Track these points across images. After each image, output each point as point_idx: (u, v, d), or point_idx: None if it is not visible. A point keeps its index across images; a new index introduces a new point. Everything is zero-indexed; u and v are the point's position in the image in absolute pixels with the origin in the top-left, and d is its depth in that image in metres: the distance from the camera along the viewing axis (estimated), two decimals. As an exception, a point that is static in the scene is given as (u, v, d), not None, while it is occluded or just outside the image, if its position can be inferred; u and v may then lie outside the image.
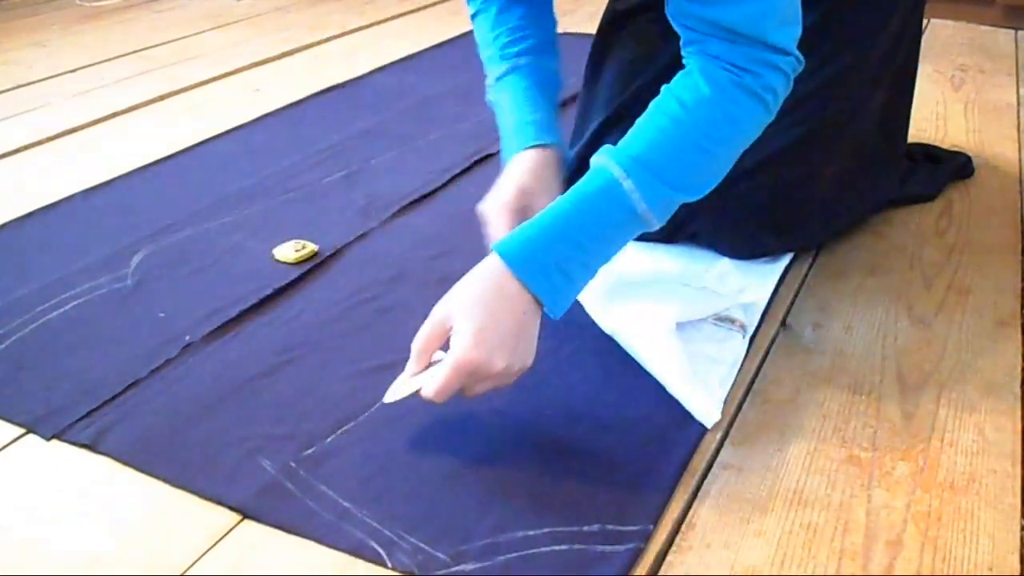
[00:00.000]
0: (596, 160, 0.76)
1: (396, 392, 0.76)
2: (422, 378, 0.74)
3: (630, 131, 0.77)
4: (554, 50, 1.02)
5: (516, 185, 0.88)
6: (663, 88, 0.79)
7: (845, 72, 0.99)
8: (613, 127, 1.05)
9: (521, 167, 0.90)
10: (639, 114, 1.00)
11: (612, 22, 1.12)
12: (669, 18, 0.81)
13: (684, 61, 0.79)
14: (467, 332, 0.70)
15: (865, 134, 1.05)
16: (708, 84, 0.75)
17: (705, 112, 0.75)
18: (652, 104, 0.78)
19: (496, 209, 0.87)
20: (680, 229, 1.03)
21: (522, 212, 0.86)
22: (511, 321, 0.71)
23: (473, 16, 1.06)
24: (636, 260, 1.03)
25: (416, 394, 0.74)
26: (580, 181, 0.76)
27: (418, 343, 0.74)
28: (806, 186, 1.00)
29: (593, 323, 0.92)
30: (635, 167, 0.74)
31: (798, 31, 0.78)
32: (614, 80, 1.07)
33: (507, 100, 0.97)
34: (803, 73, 0.96)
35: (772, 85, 0.77)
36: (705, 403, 0.78)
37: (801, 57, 0.79)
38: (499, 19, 1.02)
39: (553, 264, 0.73)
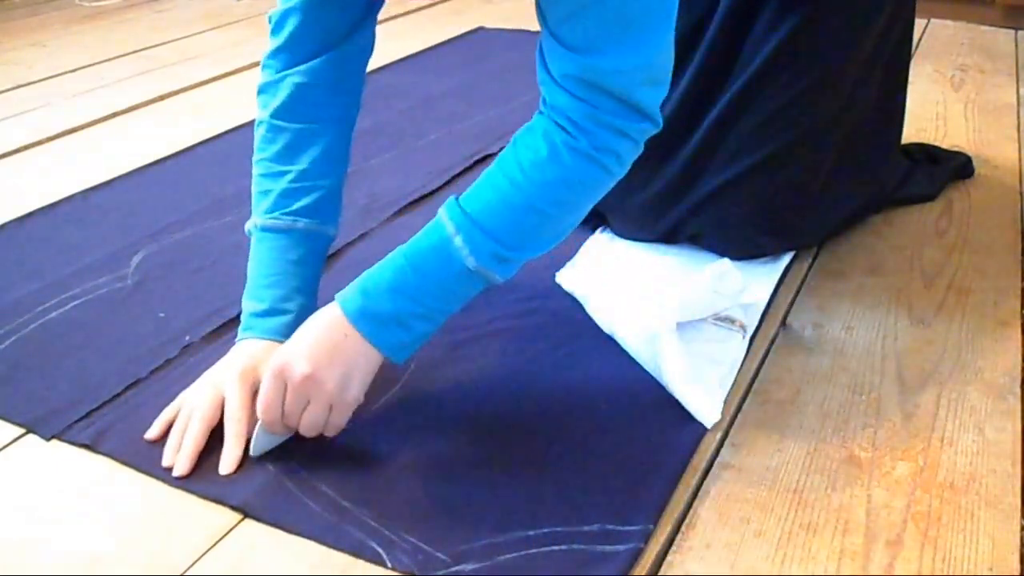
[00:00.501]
0: (439, 212, 0.75)
1: (255, 448, 0.75)
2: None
3: (473, 184, 0.76)
4: (338, 201, 0.89)
5: (253, 362, 0.80)
6: (512, 139, 0.76)
7: (832, 73, 0.99)
8: None
9: (253, 353, 0.81)
10: None
11: None
12: (538, 72, 0.75)
13: (538, 122, 0.75)
14: (298, 356, 0.72)
15: (858, 130, 1.05)
16: (546, 146, 0.73)
17: (540, 175, 0.73)
18: (497, 159, 0.76)
19: (235, 378, 0.79)
20: (680, 229, 1.03)
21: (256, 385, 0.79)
22: (345, 358, 0.72)
23: (258, 124, 0.88)
24: (636, 260, 1.03)
25: (280, 443, 0.76)
26: (419, 234, 0.75)
27: (259, 403, 0.73)
28: (803, 187, 1.00)
29: (593, 323, 0.92)
30: (467, 225, 0.73)
31: (663, 93, 0.74)
32: None
33: (263, 266, 0.85)
34: (790, 76, 0.97)
35: (614, 148, 0.73)
36: (705, 403, 0.78)
37: (660, 121, 0.75)
38: (289, 151, 0.86)
39: (391, 318, 0.74)
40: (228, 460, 0.75)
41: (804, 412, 0.80)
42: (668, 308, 0.85)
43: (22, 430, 0.80)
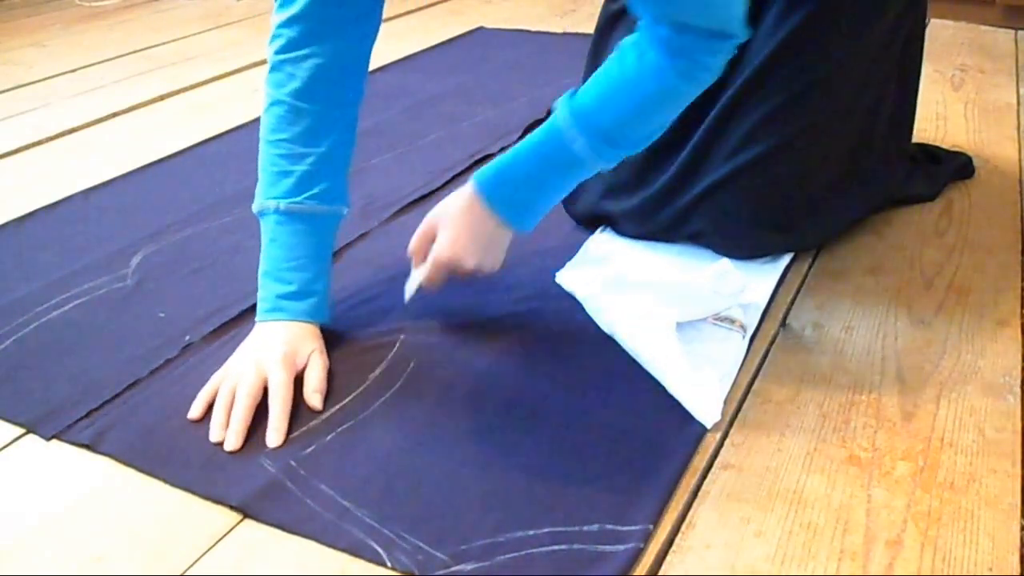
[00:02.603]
0: (556, 109, 0.86)
1: (407, 291, 0.92)
2: (418, 274, 0.90)
3: (586, 84, 0.86)
4: (327, 174, 0.90)
5: (292, 348, 0.84)
6: (621, 47, 0.85)
7: (836, 70, 0.99)
8: None
9: (289, 340, 0.85)
10: None
11: (607, 21, 1.12)
12: (637, 14, 0.84)
13: (644, 43, 0.83)
14: (444, 238, 0.87)
15: (862, 132, 1.05)
16: (648, 59, 0.82)
17: (646, 87, 0.83)
18: (604, 63, 0.86)
19: (278, 361, 0.82)
20: (680, 228, 1.03)
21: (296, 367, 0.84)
22: (480, 232, 0.88)
23: (275, 102, 0.90)
24: (636, 259, 1.03)
25: (420, 289, 0.91)
26: (539, 129, 0.87)
27: (411, 246, 0.90)
28: (803, 183, 1.00)
29: (593, 323, 0.92)
30: (582, 123, 0.84)
31: (744, 5, 0.80)
32: None
33: (287, 249, 0.88)
34: (794, 72, 0.97)
35: (708, 65, 0.82)
36: (705, 403, 0.78)
37: (746, 31, 0.81)
38: (310, 134, 0.89)
39: (513, 195, 0.87)
40: (278, 432, 0.77)
41: (804, 412, 0.80)
42: (668, 308, 0.85)
43: (22, 430, 0.80)
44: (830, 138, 1.01)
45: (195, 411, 0.81)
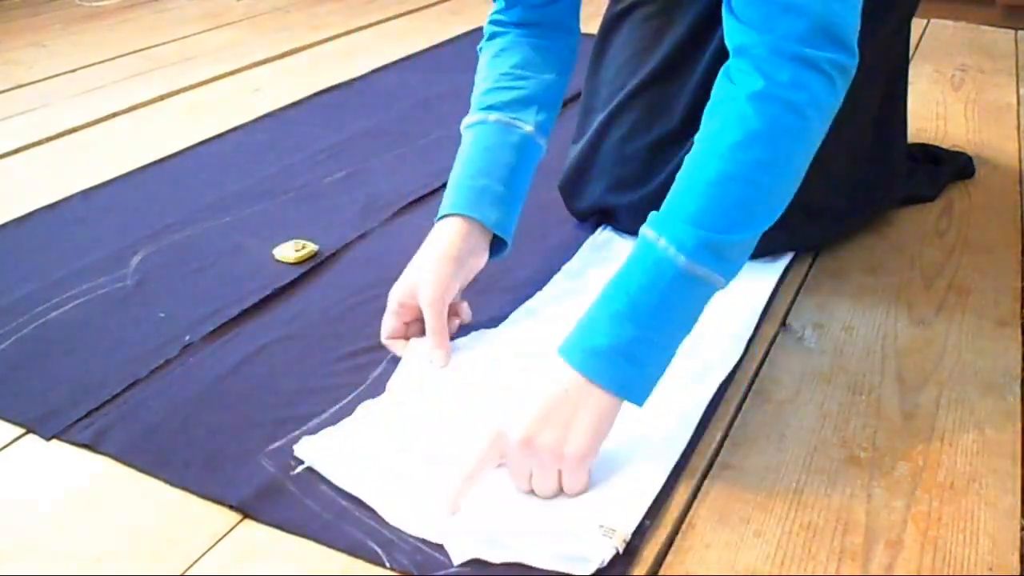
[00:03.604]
0: (641, 230, 0.71)
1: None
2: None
3: (671, 190, 0.71)
4: (544, 103, 0.93)
5: (416, 277, 0.86)
6: (703, 126, 0.71)
7: None
8: (612, 125, 1.05)
9: (437, 245, 0.87)
10: (637, 111, 0.99)
11: (611, 21, 1.12)
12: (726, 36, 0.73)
13: (715, 90, 0.71)
14: (515, 422, 0.68)
15: (861, 133, 1.04)
16: (724, 105, 0.68)
17: (725, 138, 0.68)
18: (690, 154, 0.71)
19: (391, 303, 0.86)
20: None
21: (454, 278, 0.85)
22: (564, 412, 0.67)
23: (479, 49, 1.03)
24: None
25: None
26: (627, 263, 0.70)
27: (472, 463, 0.69)
28: (807, 182, 1.00)
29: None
30: (667, 222, 0.68)
31: (856, 17, 0.70)
32: (613, 77, 1.08)
33: (461, 154, 0.93)
34: None
35: (802, 82, 0.68)
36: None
37: (856, 52, 0.69)
38: (494, 61, 0.98)
39: (611, 349, 0.66)
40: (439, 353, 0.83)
41: (804, 412, 0.80)
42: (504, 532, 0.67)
43: (22, 430, 0.80)
44: (834, 138, 1.01)
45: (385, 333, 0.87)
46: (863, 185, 1.07)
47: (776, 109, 0.67)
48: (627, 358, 0.67)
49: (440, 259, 0.86)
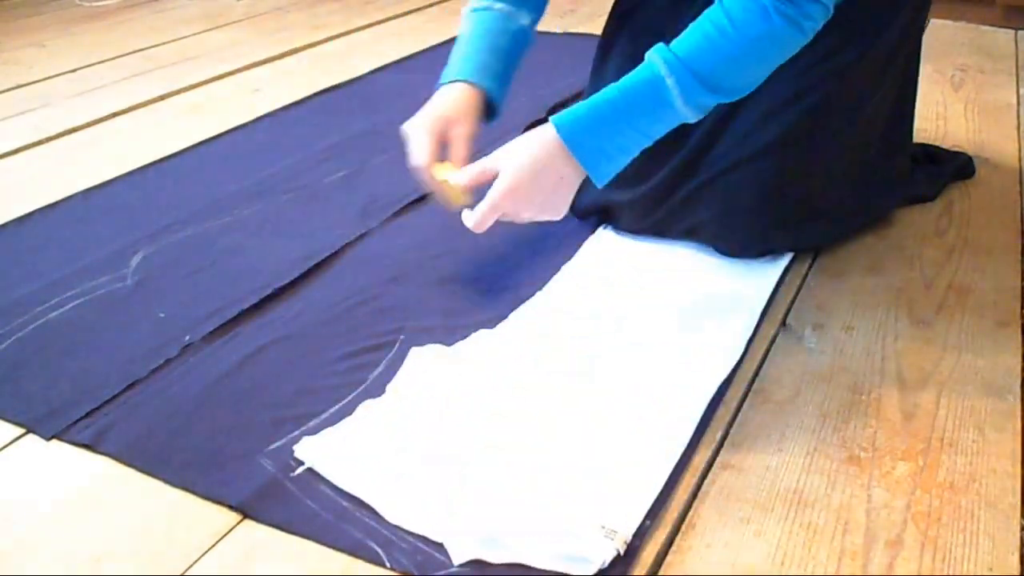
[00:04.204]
0: (648, 55, 0.86)
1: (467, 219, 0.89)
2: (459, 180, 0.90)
3: (682, 34, 0.86)
4: (535, 6, 1.08)
5: (439, 113, 0.98)
6: (724, 6, 0.85)
7: (849, 65, 0.99)
8: None
9: (447, 97, 1.00)
10: None
11: (616, 20, 1.13)
12: None
13: None
14: (505, 184, 0.87)
15: (867, 132, 1.04)
16: (755, 8, 0.83)
17: (749, 28, 0.83)
18: (705, 12, 0.86)
19: (418, 130, 0.97)
20: (680, 220, 1.02)
21: (440, 136, 0.97)
22: (547, 182, 0.87)
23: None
24: (630, 265, 1.03)
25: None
26: (630, 74, 0.86)
27: (466, 180, 0.90)
28: (808, 177, 1.00)
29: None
30: (679, 68, 0.84)
31: None
32: (616, 76, 1.08)
33: (466, 32, 1.05)
34: (806, 64, 0.96)
35: (812, 14, 0.84)
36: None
37: None
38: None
39: (596, 144, 0.86)
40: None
41: (804, 412, 0.80)
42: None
43: (22, 430, 0.80)
44: (836, 135, 1.01)
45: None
46: (867, 186, 1.07)
47: (792, 28, 0.84)
48: (605, 153, 0.87)
49: (448, 104, 0.99)
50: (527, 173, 0.87)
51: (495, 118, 1.05)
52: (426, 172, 0.95)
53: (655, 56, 0.85)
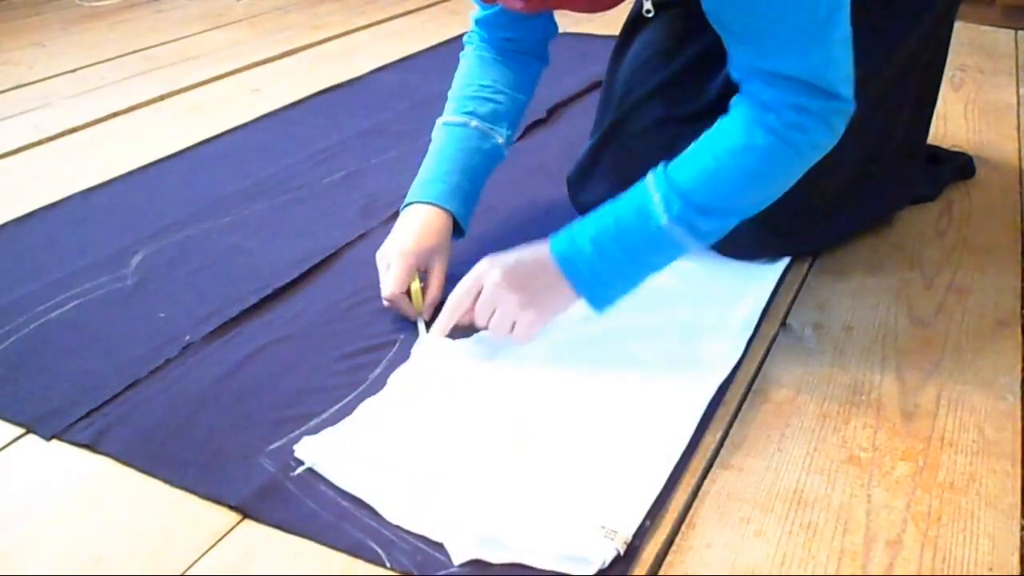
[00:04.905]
0: (647, 175, 0.83)
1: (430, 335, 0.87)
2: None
3: (682, 154, 0.82)
4: (512, 121, 1.06)
5: (416, 243, 0.94)
6: (717, 122, 0.82)
7: (860, 80, 0.98)
8: (626, 124, 1.06)
9: (420, 223, 0.96)
10: (645, 117, 1.00)
11: (632, 23, 1.13)
12: (730, 71, 0.83)
13: (736, 101, 0.82)
14: (500, 268, 0.84)
15: (873, 148, 1.04)
16: (739, 120, 0.80)
17: (732, 145, 0.80)
18: (703, 136, 0.82)
19: (396, 261, 0.92)
20: None
21: (418, 268, 0.94)
22: (538, 286, 0.83)
23: (462, 53, 1.11)
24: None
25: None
26: (627, 192, 0.83)
27: (455, 301, 0.85)
28: (810, 191, 0.99)
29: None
30: (666, 186, 0.80)
31: (847, 70, 0.80)
32: (627, 78, 1.08)
33: (439, 147, 1.03)
34: None
35: (799, 124, 0.79)
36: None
37: (850, 100, 0.80)
38: (475, 72, 1.07)
39: (588, 264, 0.82)
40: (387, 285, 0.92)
41: (804, 412, 0.80)
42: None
43: (22, 430, 0.81)
44: (842, 149, 1.00)
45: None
46: (868, 199, 1.07)
47: (776, 140, 0.79)
48: (596, 276, 0.82)
49: (429, 231, 0.96)
50: (520, 275, 0.84)
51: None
52: (402, 300, 0.92)
53: (649, 175, 0.82)
